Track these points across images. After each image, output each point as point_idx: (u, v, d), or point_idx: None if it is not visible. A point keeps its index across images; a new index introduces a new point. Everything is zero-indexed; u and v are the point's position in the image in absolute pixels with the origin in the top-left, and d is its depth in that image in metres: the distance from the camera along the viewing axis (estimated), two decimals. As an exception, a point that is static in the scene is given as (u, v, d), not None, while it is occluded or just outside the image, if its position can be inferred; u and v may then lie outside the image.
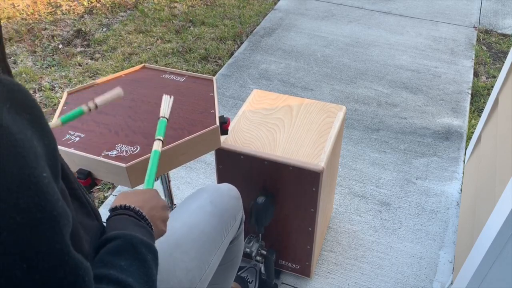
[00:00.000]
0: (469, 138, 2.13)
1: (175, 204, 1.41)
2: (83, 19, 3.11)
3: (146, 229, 0.70)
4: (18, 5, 3.21)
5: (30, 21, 3.05)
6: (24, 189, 0.42)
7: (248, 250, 1.34)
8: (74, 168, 1.02)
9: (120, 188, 1.86)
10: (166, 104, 1.05)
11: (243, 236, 1.19)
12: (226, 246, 1.06)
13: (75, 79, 2.51)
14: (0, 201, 0.40)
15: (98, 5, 3.28)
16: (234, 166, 1.30)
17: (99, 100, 0.91)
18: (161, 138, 0.97)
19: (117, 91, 0.93)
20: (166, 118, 1.02)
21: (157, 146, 0.95)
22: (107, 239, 0.64)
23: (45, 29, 2.97)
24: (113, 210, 0.72)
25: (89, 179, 1.02)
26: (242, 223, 1.14)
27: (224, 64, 2.65)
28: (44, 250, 0.43)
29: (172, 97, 1.07)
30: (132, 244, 0.63)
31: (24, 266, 0.42)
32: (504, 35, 2.97)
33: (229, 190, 1.11)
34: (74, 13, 3.18)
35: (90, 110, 0.91)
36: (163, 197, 1.38)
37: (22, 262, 0.41)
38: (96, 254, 0.62)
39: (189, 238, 0.96)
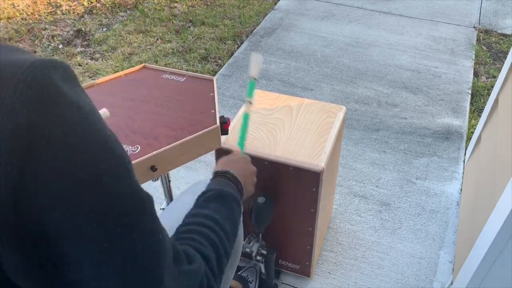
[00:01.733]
0: (469, 138, 2.13)
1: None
2: (83, 19, 3.11)
3: (236, 189, 0.90)
4: (18, 5, 3.21)
5: (30, 21, 3.05)
6: (102, 152, 0.50)
7: (248, 250, 1.34)
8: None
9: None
10: (255, 63, 1.06)
11: (242, 235, 1.19)
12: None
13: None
14: (89, 165, 0.48)
15: (98, 5, 3.28)
16: (234, 166, 1.30)
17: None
18: (250, 100, 1.04)
19: (102, 111, 0.97)
20: (255, 79, 1.05)
21: (246, 108, 1.04)
22: (204, 192, 0.83)
23: (45, 29, 2.97)
24: (216, 173, 0.92)
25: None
26: (240, 221, 1.14)
27: (224, 64, 2.65)
28: (126, 191, 0.52)
29: (261, 56, 1.09)
30: (222, 194, 0.83)
31: (116, 203, 0.51)
32: (504, 35, 2.97)
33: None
34: (74, 13, 3.18)
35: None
36: (163, 197, 1.38)
37: (114, 201, 0.50)
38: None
39: None
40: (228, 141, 1.28)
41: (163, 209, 1.30)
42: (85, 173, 0.48)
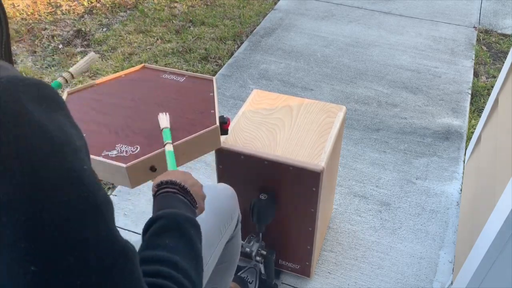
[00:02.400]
0: (469, 138, 2.13)
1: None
2: (83, 19, 3.11)
3: (189, 205, 0.74)
4: (18, 5, 3.21)
5: (30, 21, 3.05)
6: (66, 184, 0.43)
7: (248, 250, 1.34)
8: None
9: (120, 188, 1.86)
10: (164, 119, 1.08)
11: (240, 235, 1.19)
12: (223, 246, 1.06)
13: (75, 79, 2.51)
14: (45, 197, 0.42)
15: (98, 5, 3.28)
16: (234, 166, 1.30)
17: (74, 68, 0.94)
18: (170, 142, 1.01)
19: (90, 55, 0.96)
20: (168, 127, 1.06)
21: (169, 147, 1.00)
22: (152, 219, 0.67)
23: (45, 29, 2.97)
24: (158, 185, 0.75)
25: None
26: (238, 222, 1.14)
27: (224, 64, 2.65)
28: (92, 239, 0.45)
29: (167, 113, 1.10)
30: (176, 221, 0.66)
31: (73, 256, 0.43)
32: (504, 35, 2.97)
33: (225, 189, 1.11)
34: (74, 13, 3.18)
35: (66, 81, 0.97)
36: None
37: (71, 253, 0.43)
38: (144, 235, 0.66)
39: None
40: (228, 141, 1.28)
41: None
42: (40, 210, 0.42)
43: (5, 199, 0.41)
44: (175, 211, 0.68)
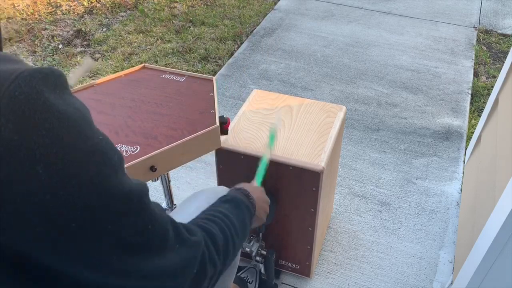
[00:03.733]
0: (469, 138, 2.13)
1: (175, 204, 1.41)
2: (83, 19, 3.11)
3: (250, 207, 0.92)
4: (18, 5, 3.21)
5: (30, 21, 3.05)
6: (90, 157, 0.49)
7: (248, 250, 1.34)
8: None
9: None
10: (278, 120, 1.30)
11: None
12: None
13: (75, 79, 2.51)
14: (75, 174, 0.48)
15: (98, 5, 3.28)
16: (234, 166, 1.30)
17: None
18: (271, 150, 1.20)
19: (87, 61, 0.98)
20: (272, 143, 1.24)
21: (267, 154, 1.18)
22: (220, 197, 0.90)
23: (45, 29, 2.97)
24: (234, 188, 0.96)
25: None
26: None
27: (224, 64, 2.65)
28: (116, 192, 0.52)
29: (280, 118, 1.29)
30: (236, 200, 0.89)
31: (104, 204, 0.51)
32: (504, 35, 2.97)
33: (225, 191, 1.11)
34: (74, 13, 3.18)
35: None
36: (163, 197, 1.38)
37: (104, 200, 0.51)
38: None
39: None
40: (228, 141, 1.28)
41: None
42: (72, 185, 0.48)
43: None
44: (239, 196, 0.90)
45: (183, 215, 1.02)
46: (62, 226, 0.48)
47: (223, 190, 1.11)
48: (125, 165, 0.97)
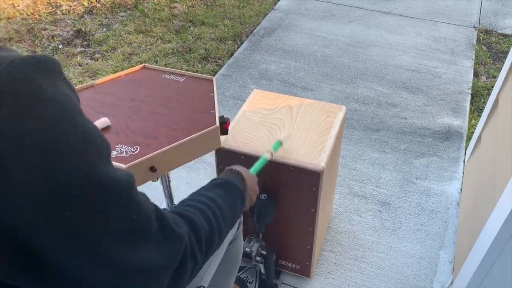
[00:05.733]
0: (469, 138, 2.13)
1: (175, 204, 1.41)
2: (83, 19, 3.11)
3: (242, 184, 0.91)
4: (18, 5, 3.21)
5: (30, 21, 3.05)
6: (81, 145, 0.49)
7: (248, 250, 1.34)
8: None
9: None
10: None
11: (242, 237, 1.19)
12: (225, 247, 1.06)
13: (75, 79, 2.51)
14: (67, 161, 0.48)
15: (98, 5, 3.28)
16: (234, 166, 1.30)
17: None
18: (272, 152, 1.20)
19: (102, 120, 1.08)
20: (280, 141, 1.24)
21: (268, 155, 1.17)
22: (212, 180, 0.89)
23: (45, 29, 2.97)
24: (228, 168, 0.95)
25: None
26: (240, 224, 1.14)
27: (224, 64, 2.65)
28: (105, 179, 0.52)
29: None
30: (228, 183, 0.87)
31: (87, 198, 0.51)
32: (504, 35, 2.97)
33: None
34: (74, 13, 3.18)
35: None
36: (163, 196, 1.38)
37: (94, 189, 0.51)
38: None
39: None
40: (228, 141, 1.28)
41: (164, 209, 1.30)
42: (64, 173, 0.48)
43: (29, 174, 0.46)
44: (231, 179, 0.89)
45: None
46: (53, 213, 0.47)
47: None
48: (126, 165, 0.97)
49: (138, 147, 1.04)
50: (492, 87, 2.37)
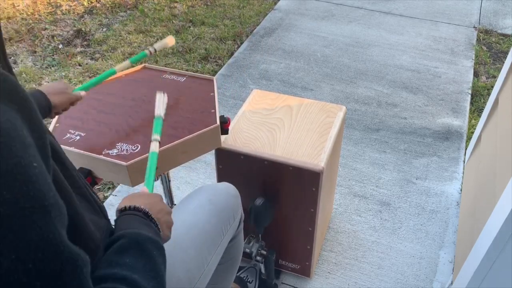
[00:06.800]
0: (469, 138, 2.13)
1: (175, 204, 1.41)
2: (83, 19, 3.12)
3: (153, 227, 0.70)
4: (18, 5, 3.21)
5: (30, 21, 3.05)
6: (9, 179, 0.41)
7: (248, 250, 1.34)
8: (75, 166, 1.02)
9: (120, 188, 1.86)
10: (161, 102, 1.04)
11: (242, 235, 1.19)
12: (225, 245, 1.06)
13: (75, 79, 2.51)
14: None
15: (98, 5, 3.28)
16: (234, 166, 1.30)
17: (157, 45, 1.20)
18: (158, 138, 0.94)
19: (168, 38, 1.21)
20: (162, 117, 1.00)
21: (154, 147, 0.93)
22: (112, 240, 0.63)
23: (45, 29, 2.97)
24: (121, 211, 0.71)
25: (90, 177, 1.02)
26: (241, 222, 1.14)
27: (224, 64, 2.65)
28: (36, 240, 0.42)
29: (166, 94, 1.06)
30: (137, 241, 0.63)
31: (13, 257, 0.40)
32: (504, 35, 2.97)
33: (228, 188, 1.11)
34: (74, 13, 3.18)
35: (150, 53, 1.20)
36: (163, 197, 1.38)
37: (14, 253, 0.40)
38: (105, 254, 0.62)
39: (188, 237, 0.96)
40: (228, 141, 1.28)
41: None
42: None
43: None
44: (136, 231, 0.65)
45: (183, 213, 1.02)
46: None
47: (224, 187, 1.11)
48: (127, 163, 0.97)
49: (139, 146, 1.04)
50: (492, 87, 2.37)
